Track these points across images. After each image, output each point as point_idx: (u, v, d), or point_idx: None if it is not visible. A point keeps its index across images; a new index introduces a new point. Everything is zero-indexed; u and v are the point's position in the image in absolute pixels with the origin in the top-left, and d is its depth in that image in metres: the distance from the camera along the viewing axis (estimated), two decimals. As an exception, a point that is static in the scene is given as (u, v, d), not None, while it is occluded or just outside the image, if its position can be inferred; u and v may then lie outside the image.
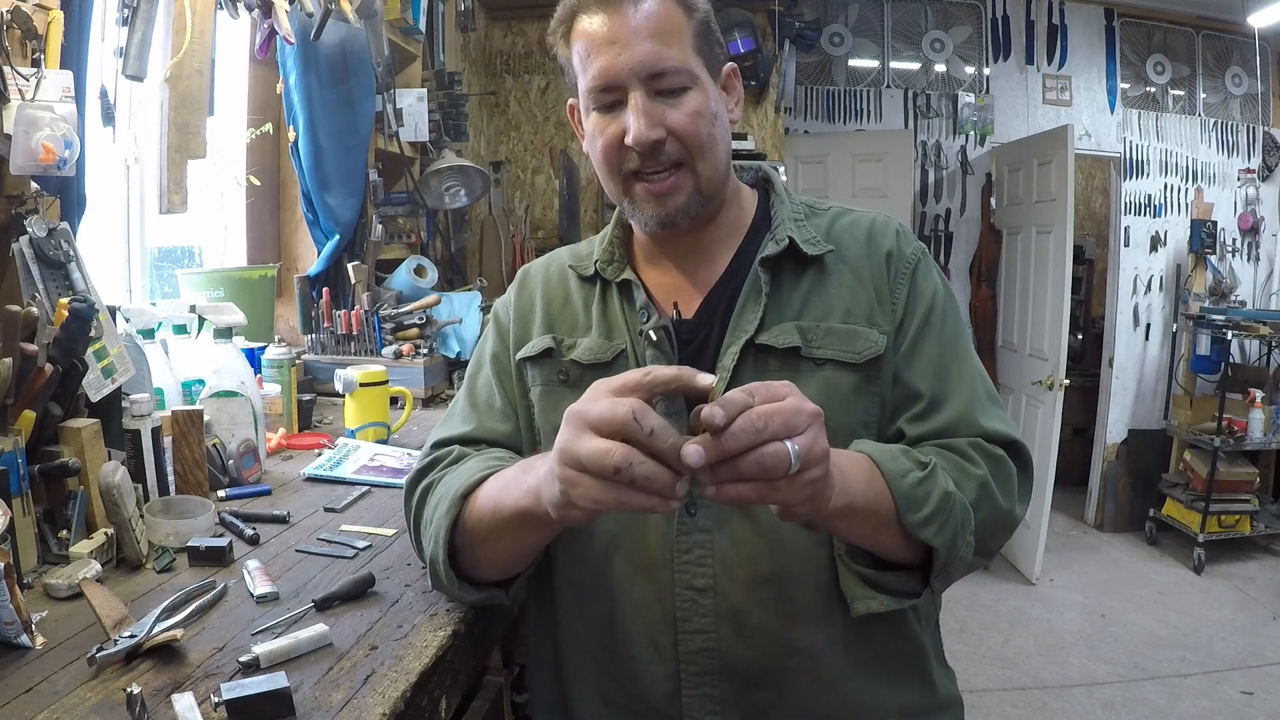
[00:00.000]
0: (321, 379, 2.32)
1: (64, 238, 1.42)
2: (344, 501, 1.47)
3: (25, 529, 1.11)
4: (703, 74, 0.98)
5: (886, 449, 0.91)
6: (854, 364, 0.98)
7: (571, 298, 1.11)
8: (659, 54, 0.95)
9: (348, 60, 2.51)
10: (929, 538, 0.88)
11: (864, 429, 0.98)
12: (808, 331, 0.99)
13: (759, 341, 0.99)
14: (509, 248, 3.84)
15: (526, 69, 4.46)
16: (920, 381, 1.00)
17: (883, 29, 5.03)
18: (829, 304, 1.01)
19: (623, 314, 1.06)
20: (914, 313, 1.02)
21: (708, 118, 0.98)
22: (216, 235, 2.64)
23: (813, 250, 1.03)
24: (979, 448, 0.96)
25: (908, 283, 1.03)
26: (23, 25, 1.34)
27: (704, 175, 0.99)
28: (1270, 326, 4.44)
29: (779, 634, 0.97)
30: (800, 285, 1.03)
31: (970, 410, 0.99)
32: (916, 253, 1.06)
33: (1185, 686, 3.31)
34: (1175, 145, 5.11)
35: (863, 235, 1.06)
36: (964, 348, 1.04)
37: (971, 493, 0.92)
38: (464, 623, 1.04)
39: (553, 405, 1.06)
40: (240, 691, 0.80)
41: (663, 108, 0.96)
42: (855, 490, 0.84)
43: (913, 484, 0.88)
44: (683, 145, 0.97)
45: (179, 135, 1.88)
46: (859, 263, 1.04)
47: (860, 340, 0.99)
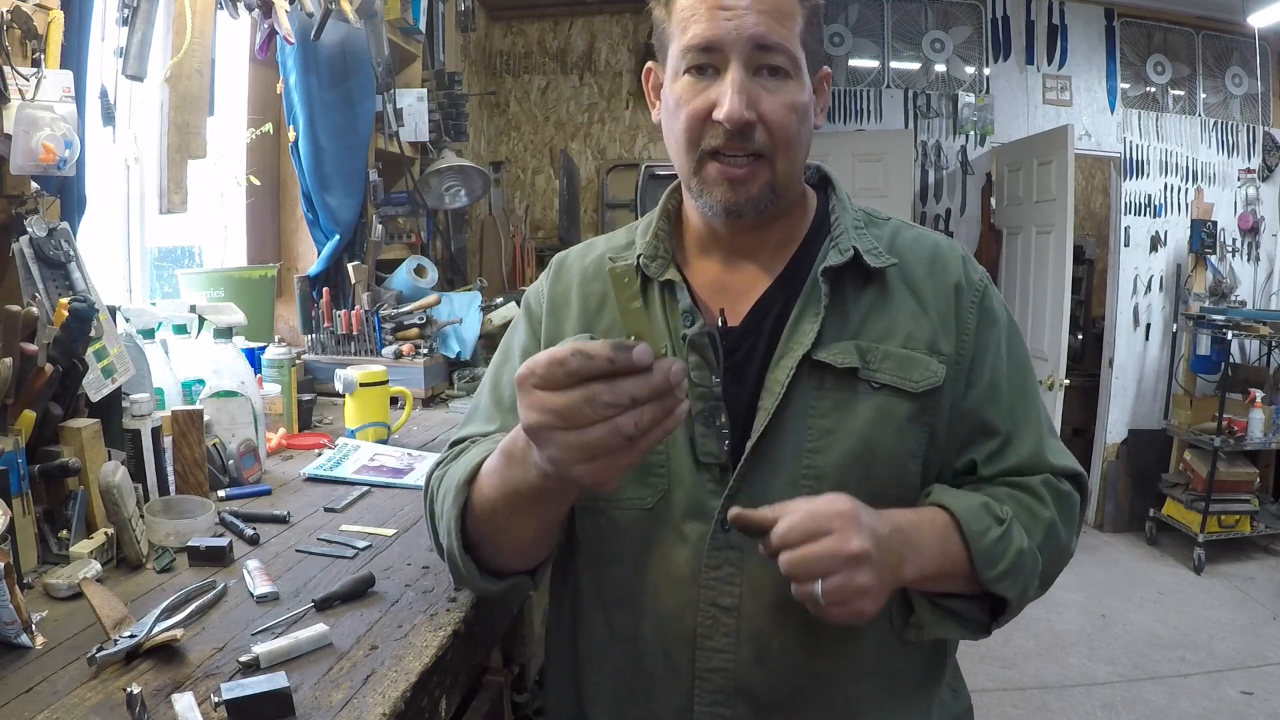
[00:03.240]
0: (321, 379, 2.32)
1: (64, 238, 1.42)
2: (344, 501, 1.47)
3: (25, 529, 1.11)
4: (804, 66, 0.93)
5: (969, 504, 0.91)
6: (911, 393, 0.93)
7: (609, 293, 1.03)
8: (772, 28, 0.89)
9: (348, 60, 2.51)
10: (1003, 591, 0.90)
11: (911, 459, 0.95)
12: (867, 352, 0.94)
13: (816, 357, 0.93)
14: (509, 248, 3.84)
15: (526, 69, 4.46)
16: (998, 418, 0.97)
17: (883, 29, 5.03)
18: (889, 325, 0.96)
19: (664, 315, 0.98)
20: (987, 345, 0.98)
21: (801, 113, 0.92)
22: (216, 235, 2.64)
23: (876, 262, 0.96)
24: (1050, 485, 0.97)
25: (977, 313, 0.99)
26: (23, 25, 1.34)
27: (782, 172, 0.93)
28: (1270, 326, 4.44)
29: (800, 660, 0.94)
30: (861, 301, 0.97)
31: (1040, 447, 0.98)
32: (983, 280, 1.01)
33: (1185, 686, 3.31)
34: (1175, 145, 5.11)
35: (926, 256, 1.00)
36: (1032, 380, 1.02)
37: (1039, 536, 0.94)
38: (464, 623, 1.04)
39: None
40: (240, 691, 0.80)
41: (760, 90, 0.90)
42: (927, 559, 0.87)
43: (991, 542, 0.89)
44: (770, 136, 0.91)
45: (179, 135, 1.88)
46: (922, 285, 0.98)
47: (918, 369, 0.94)
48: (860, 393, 0.93)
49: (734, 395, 0.94)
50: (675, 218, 1.05)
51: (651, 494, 0.96)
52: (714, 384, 0.92)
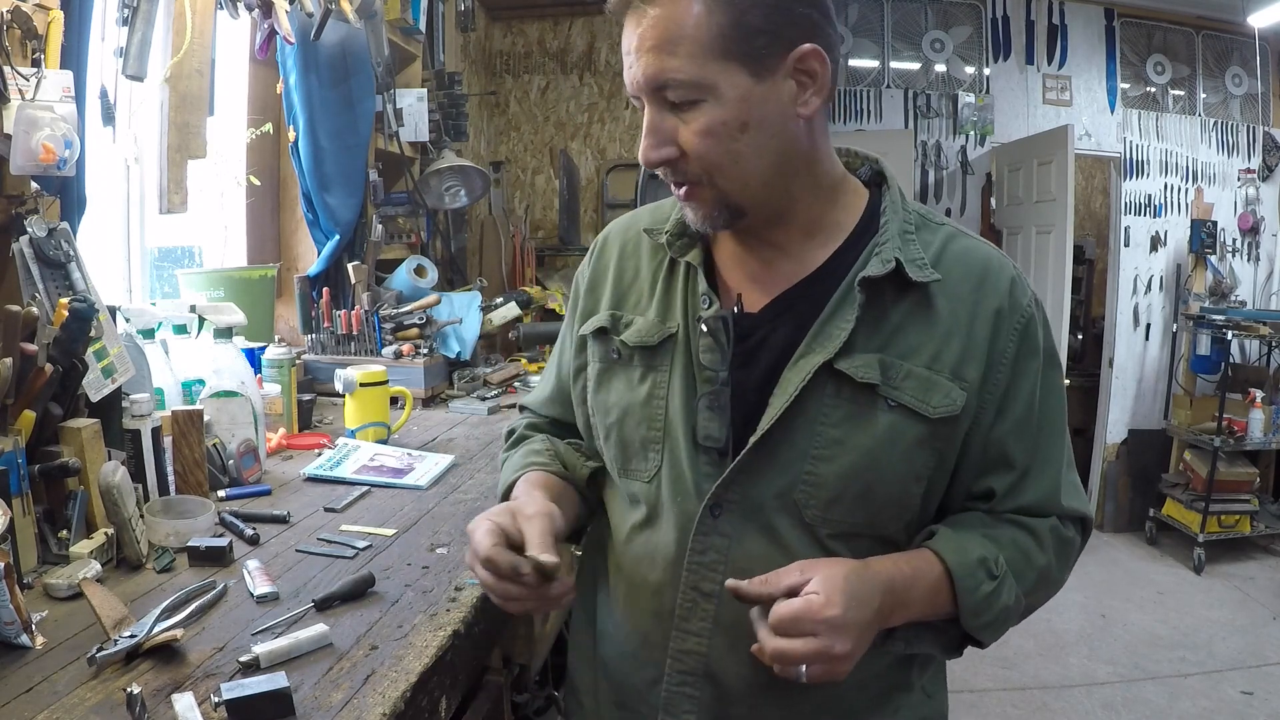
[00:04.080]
0: (321, 379, 2.32)
1: (64, 238, 1.42)
2: (344, 501, 1.47)
3: (25, 529, 1.11)
4: (729, 79, 0.84)
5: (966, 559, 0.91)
6: (926, 417, 0.90)
7: (642, 269, 1.04)
8: (660, 67, 0.85)
9: (348, 60, 2.50)
10: (983, 637, 0.95)
11: (915, 481, 0.93)
12: (890, 368, 0.90)
13: (837, 366, 0.90)
14: (509, 248, 3.84)
15: (526, 69, 4.46)
16: (1019, 453, 0.95)
17: (883, 29, 5.03)
18: (918, 342, 0.92)
19: (684, 295, 0.99)
20: (1024, 376, 0.94)
21: (724, 134, 0.86)
22: (216, 235, 2.64)
23: (918, 275, 0.91)
24: (1055, 533, 0.97)
25: (1018, 341, 0.94)
26: (23, 25, 1.34)
27: (729, 191, 0.89)
28: (1270, 326, 4.44)
29: None
30: (896, 312, 0.92)
31: (1056, 488, 0.97)
32: (1030, 307, 0.95)
33: (1185, 686, 3.31)
34: (1175, 145, 5.11)
35: (975, 273, 0.95)
36: (1062, 417, 0.99)
37: (1029, 582, 0.95)
38: (464, 623, 1.04)
39: (605, 384, 1.02)
40: (240, 691, 0.80)
41: (674, 122, 0.88)
42: (915, 612, 0.91)
43: (981, 598, 0.91)
44: (697, 163, 0.88)
45: (179, 135, 1.88)
46: (961, 304, 0.93)
47: (938, 393, 0.91)
48: (877, 409, 0.90)
49: (740, 381, 0.94)
50: None
51: (649, 468, 0.98)
52: (722, 368, 0.93)
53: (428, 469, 1.66)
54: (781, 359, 0.92)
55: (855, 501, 0.91)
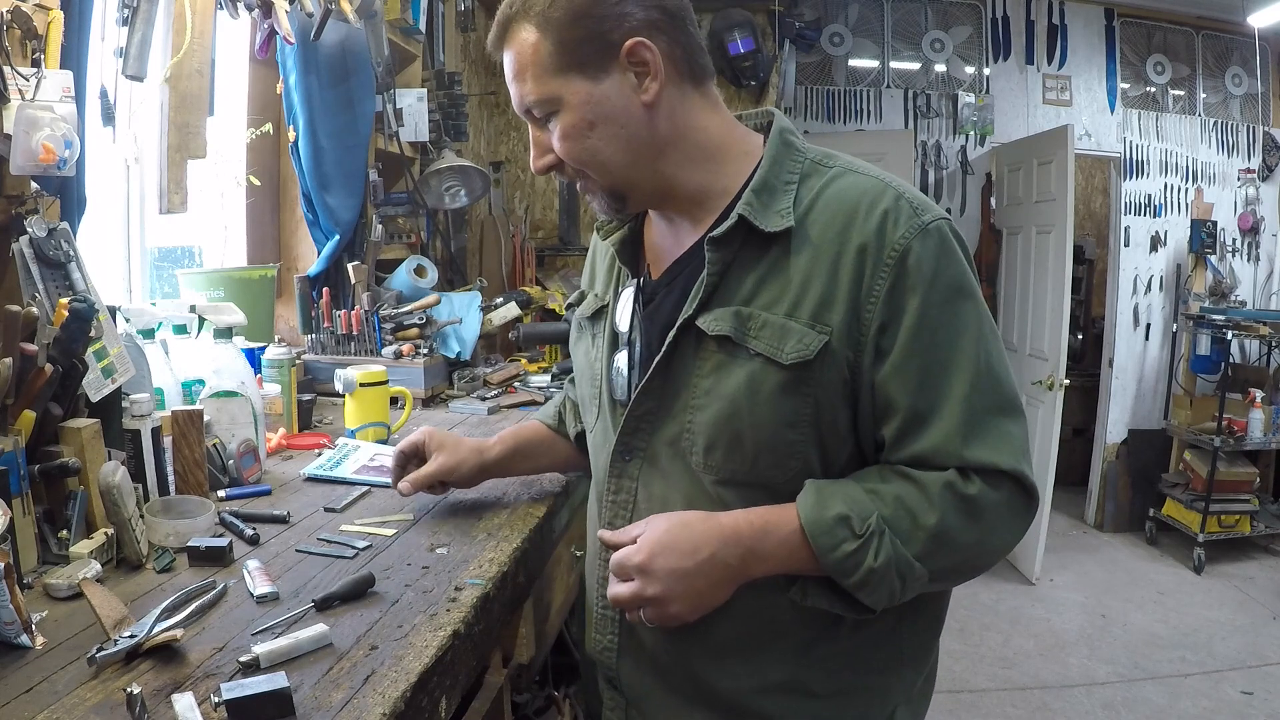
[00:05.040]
0: (321, 379, 2.32)
1: (64, 238, 1.42)
2: (344, 501, 1.47)
3: (25, 529, 1.11)
4: (571, 88, 0.96)
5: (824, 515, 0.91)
6: (780, 363, 0.93)
7: (602, 256, 1.22)
8: (520, 93, 1.00)
9: (348, 60, 2.50)
10: (862, 597, 0.93)
11: (789, 429, 0.95)
12: (747, 320, 0.95)
13: (696, 323, 0.98)
14: (509, 248, 3.84)
15: (526, 69, 4.45)
16: (900, 396, 0.92)
17: (883, 29, 5.03)
18: (779, 292, 0.95)
19: (616, 272, 1.15)
20: (900, 311, 0.91)
21: (577, 134, 0.98)
22: (216, 235, 2.64)
23: (769, 226, 0.95)
24: (950, 488, 0.90)
25: (890, 278, 0.91)
26: (23, 25, 1.34)
27: (603, 181, 1.02)
28: (1270, 326, 4.44)
29: None
30: (758, 265, 0.97)
31: (955, 435, 0.91)
32: (907, 237, 0.92)
33: (1185, 686, 3.31)
34: (1175, 145, 5.11)
35: (844, 213, 0.94)
36: (966, 353, 0.92)
37: (918, 545, 0.91)
38: (464, 623, 1.04)
39: (575, 350, 1.22)
40: (240, 691, 0.80)
41: (548, 136, 1.01)
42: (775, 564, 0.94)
43: (841, 557, 0.91)
44: (572, 163, 1.01)
45: (179, 135, 1.88)
46: (825, 245, 0.94)
47: (790, 340, 0.93)
48: (739, 358, 0.96)
49: (645, 341, 1.05)
50: None
51: (592, 418, 1.16)
52: (630, 332, 1.07)
53: (428, 469, 1.66)
54: (672, 319, 1.01)
55: (729, 449, 0.97)
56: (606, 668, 1.14)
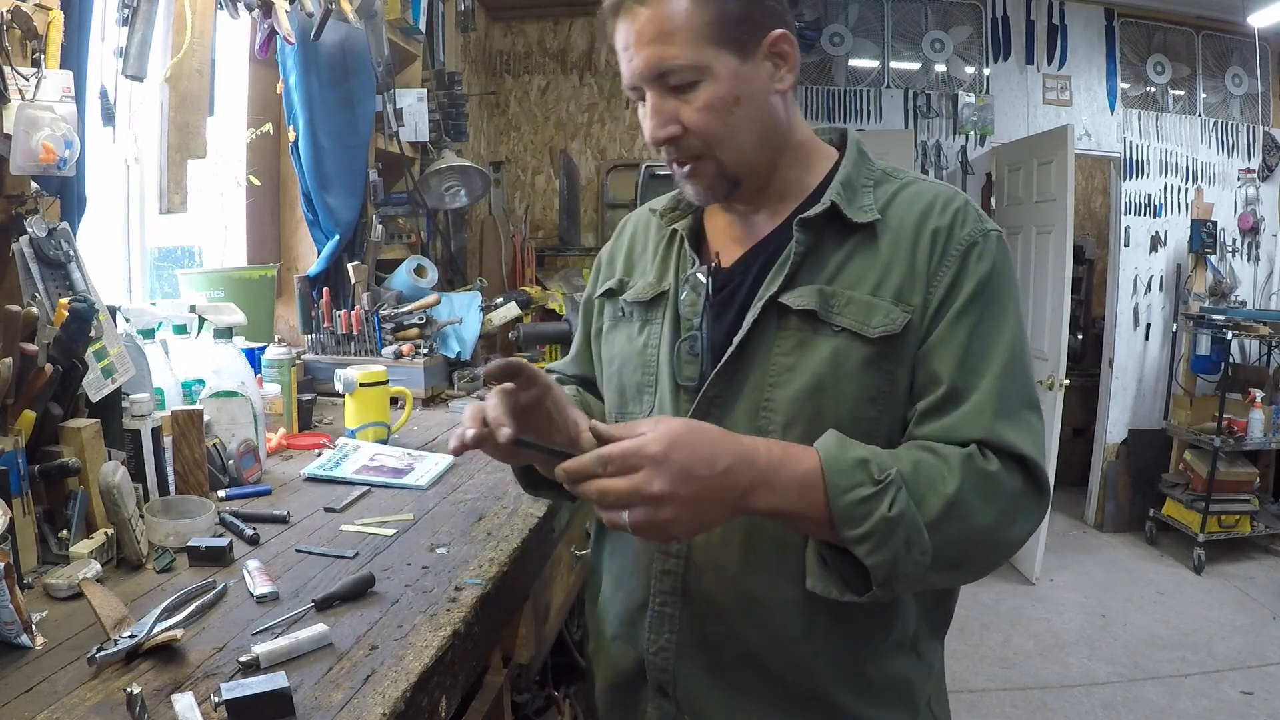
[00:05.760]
0: (321, 379, 2.32)
1: (64, 238, 1.42)
2: (344, 501, 1.47)
3: (25, 529, 1.11)
4: (719, 61, 0.97)
5: (845, 455, 0.89)
6: (866, 337, 0.96)
7: (649, 243, 1.18)
8: (661, 55, 0.96)
9: (348, 60, 2.50)
10: (861, 555, 0.87)
11: (870, 404, 0.97)
12: (830, 297, 0.99)
13: (781, 300, 0.99)
14: (509, 248, 3.84)
15: (526, 69, 4.46)
16: (943, 368, 0.96)
17: (883, 29, 5.03)
18: (862, 274, 1.00)
19: (677, 259, 1.12)
20: (956, 296, 0.98)
21: (722, 108, 0.98)
22: (216, 235, 2.64)
23: (857, 217, 1.01)
24: (969, 461, 0.91)
25: (955, 264, 0.98)
26: (23, 25, 1.34)
27: (728, 161, 1.00)
28: (1270, 326, 4.44)
29: (738, 579, 1.01)
30: (839, 251, 1.01)
31: (986, 410, 0.94)
32: (973, 235, 1.00)
33: (1185, 686, 3.31)
34: (1175, 145, 5.11)
35: (919, 208, 1.02)
36: (1006, 341, 0.97)
37: (933, 511, 0.88)
38: (464, 623, 1.04)
39: (611, 339, 1.17)
40: (240, 691, 0.80)
41: (675, 104, 0.98)
42: (781, 499, 0.88)
43: (854, 501, 0.87)
44: (699, 139, 0.99)
45: (179, 135, 1.88)
46: (904, 237, 1.00)
47: (878, 314, 0.97)
48: (821, 335, 0.98)
49: (717, 330, 1.05)
50: None
51: (643, 410, 1.10)
52: (699, 319, 1.06)
53: (428, 469, 1.66)
54: (747, 306, 1.02)
55: (810, 424, 0.96)
56: (660, 671, 1.06)
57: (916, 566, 0.88)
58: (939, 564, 0.89)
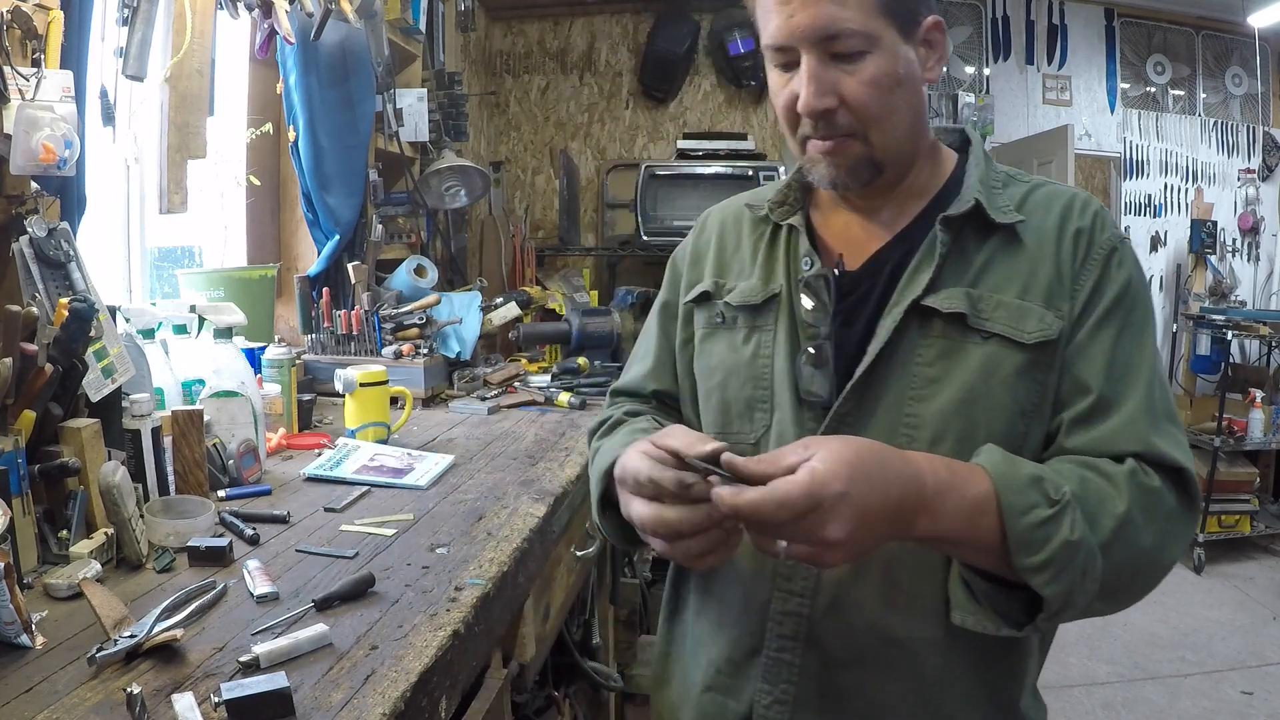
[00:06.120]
0: (321, 379, 2.31)
1: (64, 238, 1.42)
2: (344, 501, 1.47)
3: (25, 529, 1.11)
4: (888, 35, 0.89)
5: (1018, 472, 0.81)
6: (1022, 344, 0.89)
7: (743, 241, 1.08)
8: (833, 16, 0.87)
9: (348, 60, 2.50)
10: (1039, 585, 0.79)
11: (1021, 416, 0.90)
12: (978, 300, 0.91)
13: (925, 303, 0.91)
14: (509, 248, 3.84)
15: (526, 69, 4.46)
16: (1091, 376, 0.90)
17: (883, 29, 5.03)
18: (1007, 277, 0.93)
19: (786, 259, 1.02)
20: (1099, 301, 0.92)
21: (886, 85, 0.89)
22: (216, 235, 2.63)
23: (1000, 217, 0.94)
24: (1133, 478, 0.85)
25: (1098, 269, 0.93)
26: (23, 25, 1.34)
27: (879, 145, 0.92)
28: (1270, 326, 4.44)
29: (876, 619, 0.91)
30: (981, 252, 0.94)
31: (1139, 422, 0.88)
32: (1113, 239, 0.95)
33: (1185, 686, 3.31)
34: (1175, 145, 5.11)
35: (1058, 209, 0.96)
36: (1148, 352, 0.93)
37: (1104, 533, 0.81)
38: (464, 623, 1.04)
39: (708, 348, 1.06)
40: (240, 691, 0.80)
41: (836, 74, 0.89)
42: (947, 526, 0.79)
43: (1033, 524, 0.78)
44: (855, 115, 0.90)
45: (179, 135, 1.88)
46: (1046, 238, 0.94)
47: (1032, 319, 0.90)
48: (969, 342, 0.90)
49: (844, 338, 0.95)
50: None
51: (755, 429, 0.99)
52: (824, 324, 0.96)
53: (428, 469, 1.66)
54: (879, 311, 0.94)
55: (959, 441, 0.88)
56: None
57: (1086, 595, 0.81)
58: (1104, 591, 0.83)
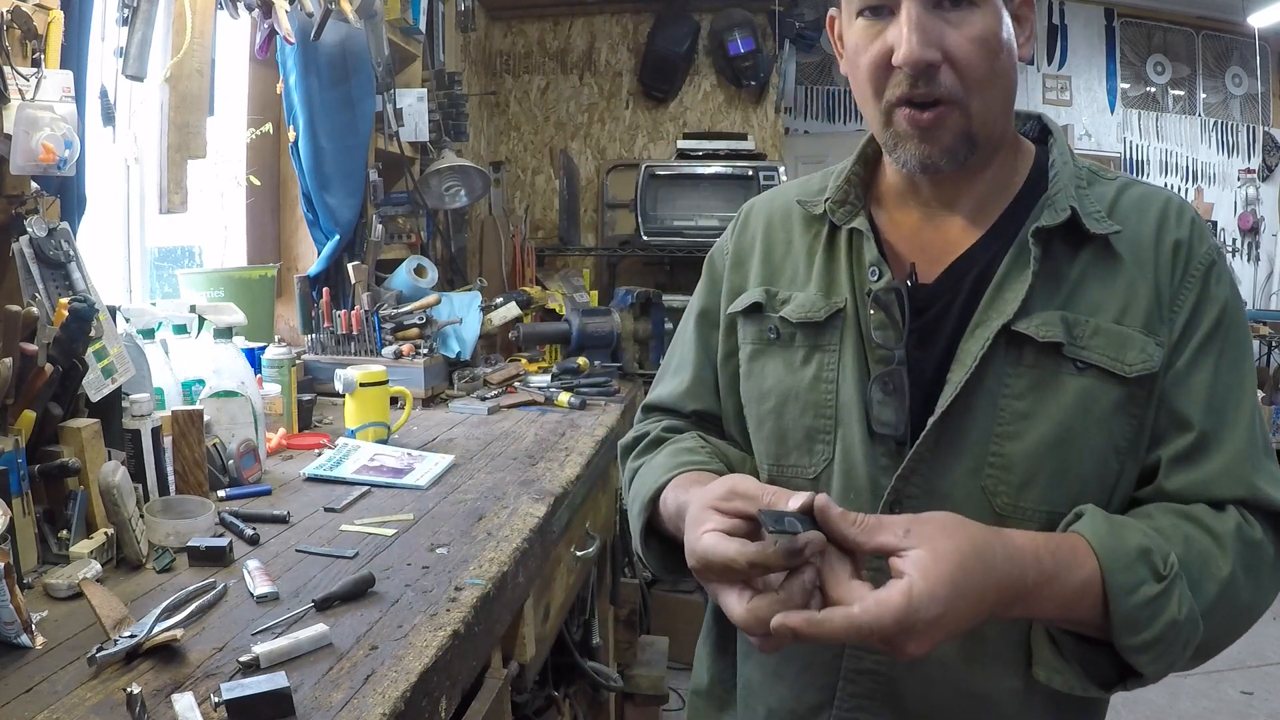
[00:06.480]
0: (321, 379, 2.31)
1: (64, 238, 1.42)
2: (344, 501, 1.47)
3: (25, 529, 1.11)
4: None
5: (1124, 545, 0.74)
6: (1122, 377, 0.80)
7: (794, 242, 0.96)
8: None
9: (348, 60, 2.50)
10: (1141, 665, 0.75)
11: (1114, 456, 0.82)
12: (1074, 325, 0.81)
13: (1016, 328, 0.81)
14: (509, 248, 3.84)
15: (526, 69, 4.46)
16: (1192, 409, 0.81)
17: (883, 29, 5.03)
18: (1103, 297, 0.83)
19: (849, 267, 0.90)
20: (1199, 324, 0.83)
21: (993, 47, 0.79)
22: (216, 235, 2.64)
23: (1095, 227, 0.83)
24: (1239, 532, 0.78)
25: (1197, 287, 0.84)
26: (23, 25, 1.34)
27: (978, 116, 0.81)
28: (1270, 326, 4.44)
29: (959, 673, 0.84)
30: (1073, 268, 0.84)
31: (1244, 462, 0.81)
32: (1211, 252, 0.85)
33: (1185, 686, 3.30)
34: (1175, 145, 5.12)
35: (1153, 217, 0.86)
36: (1249, 380, 0.85)
37: (1209, 598, 0.76)
38: (464, 623, 1.04)
39: (759, 368, 0.94)
40: (240, 691, 0.80)
41: (942, 25, 0.78)
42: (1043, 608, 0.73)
43: (1140, 604, 0.72)
44: (959, 76, 0.79)
45: (179, 135, 1.88)
46: (1143, 251, 0.84)
47: (1132, 349, 0.81)
48: (1063, 373, 0.81)
49: (919, 361, 0.85)
50: (873, 164, 0.95)
51: (815, 462, 0.89)
52: (898, 346, 0.85)
53: (428, 469, 1.66)
54: (960, 331, 0.84)
55: (1050, 484, 0.81)
56: None
57: (1181, 661, 0.78)
58: (1198, 653, 0.79)
